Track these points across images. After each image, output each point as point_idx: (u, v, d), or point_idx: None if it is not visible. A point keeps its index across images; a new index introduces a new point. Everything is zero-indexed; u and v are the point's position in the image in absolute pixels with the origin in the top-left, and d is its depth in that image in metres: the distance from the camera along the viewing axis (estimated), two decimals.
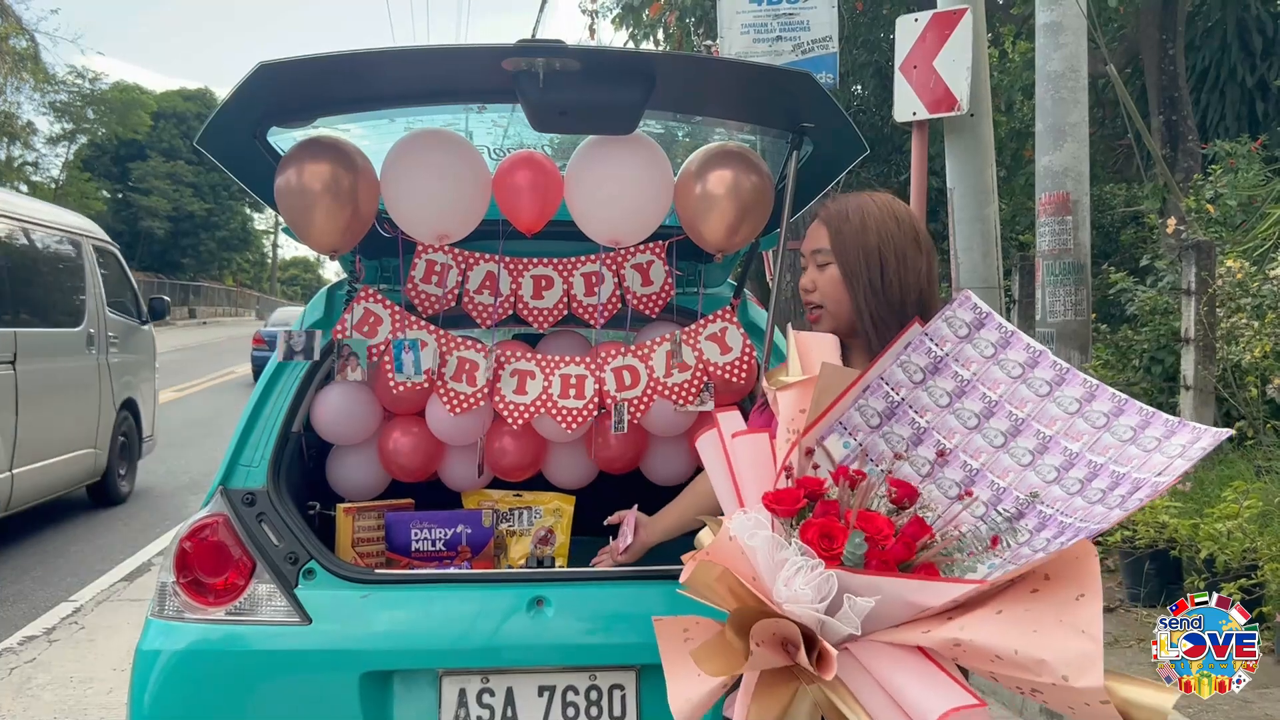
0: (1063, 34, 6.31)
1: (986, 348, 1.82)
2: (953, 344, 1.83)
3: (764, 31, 7.40)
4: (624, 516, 2.63)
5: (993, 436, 1.75)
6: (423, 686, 2.43)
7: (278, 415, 2.75)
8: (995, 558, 1.61)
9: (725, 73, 2.75)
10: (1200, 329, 5.82)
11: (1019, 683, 1.52)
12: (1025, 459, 1.72)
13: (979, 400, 1.78)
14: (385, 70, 2.47)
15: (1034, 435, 1.73)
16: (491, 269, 3.05)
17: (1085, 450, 1.68)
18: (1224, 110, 11.26)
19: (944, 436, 1.78)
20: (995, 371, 1.80)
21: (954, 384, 1.80)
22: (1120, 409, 1.71)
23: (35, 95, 35.58)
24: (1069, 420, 1.73)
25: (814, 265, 2.11)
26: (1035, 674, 1.46)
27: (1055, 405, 1.75)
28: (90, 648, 5.09)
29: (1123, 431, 1.68)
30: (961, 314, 1.85)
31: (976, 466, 1.74)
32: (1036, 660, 1.46)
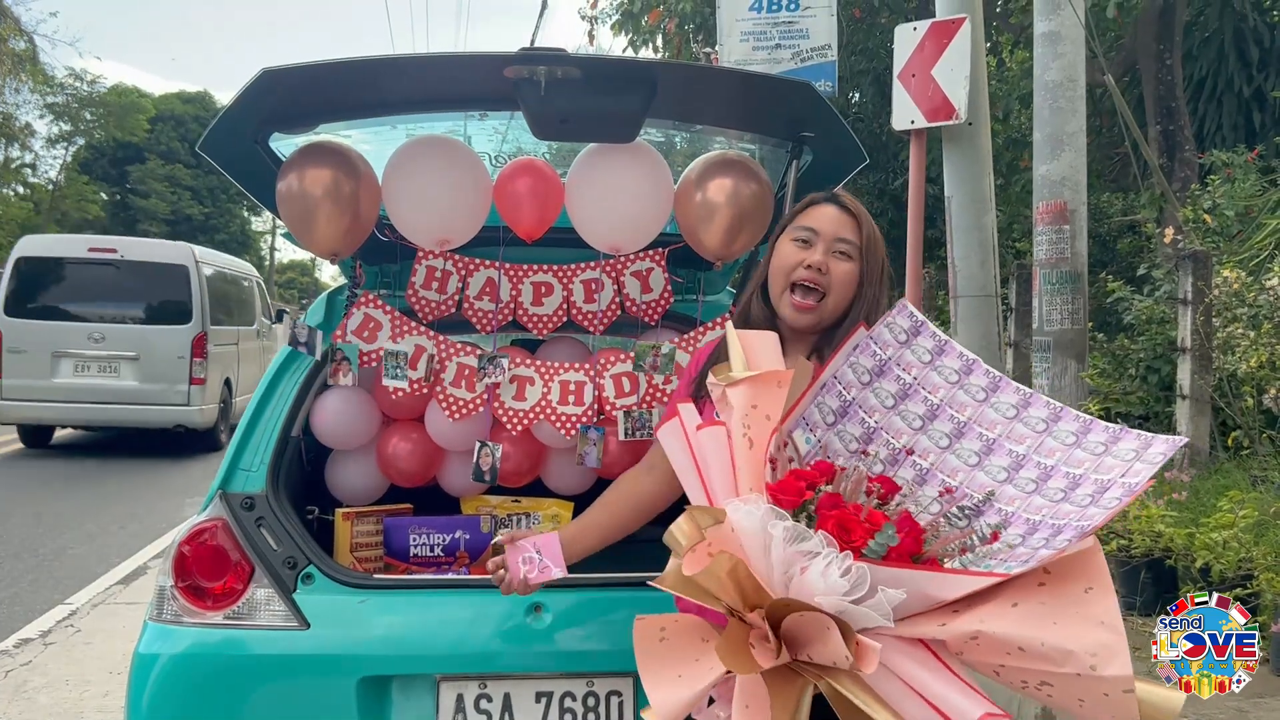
0: (1061, 43, 6.33)
1: (924, 354, 1.87)
2: (894, 349, 1.87)
3: (763, 39, 7.42)
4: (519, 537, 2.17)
5: (938, 438, 1.80)
6: (420, 692, 2.43)
7: (277, 419, 2.75)
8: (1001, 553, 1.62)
9: (726, 82, 2.77)
10: (1197, 338, 5.84)
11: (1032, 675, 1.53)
12: (972, 460, 1.77)
13: (921, 403, 1.83)
14: (387, 77, 2.48)
15: (977, 438, 1.78)
16: (492, 275, 3.06)
17: (1031, 453, 1.73)
18: (1221, 120, 11.29)
19: (892, 436, 1.82)
20: (934, 377, 1.85)
21: (897, 386, 1.85)
22: (1057, 415, 1.76)
23: (34, 97, 35.56)
24: (1009, 424, 1.77)
25: (833, 253, 2.02)
26: (1059, 665, 1.47)
27: (993, 410, 1.80)
28: (86, 651, 5.08)
29: (1064, 436, 1.73)
30: (900, 321, 1.89)
31: (926, 466, 1.79)
32: (1064, 651, 1.47)
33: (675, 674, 1.67)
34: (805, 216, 2.08)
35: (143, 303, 10.52)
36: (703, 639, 1.72)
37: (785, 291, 2.04)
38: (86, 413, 10.41)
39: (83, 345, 10.18)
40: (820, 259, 2.01)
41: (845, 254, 2.03)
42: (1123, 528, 4.80)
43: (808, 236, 2.05)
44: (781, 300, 2.05)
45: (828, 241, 2.03)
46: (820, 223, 2.05)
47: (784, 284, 2.04)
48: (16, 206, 35.75)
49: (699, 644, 1.71)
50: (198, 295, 10.59)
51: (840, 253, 2.03)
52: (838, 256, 2.03)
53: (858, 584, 1.53)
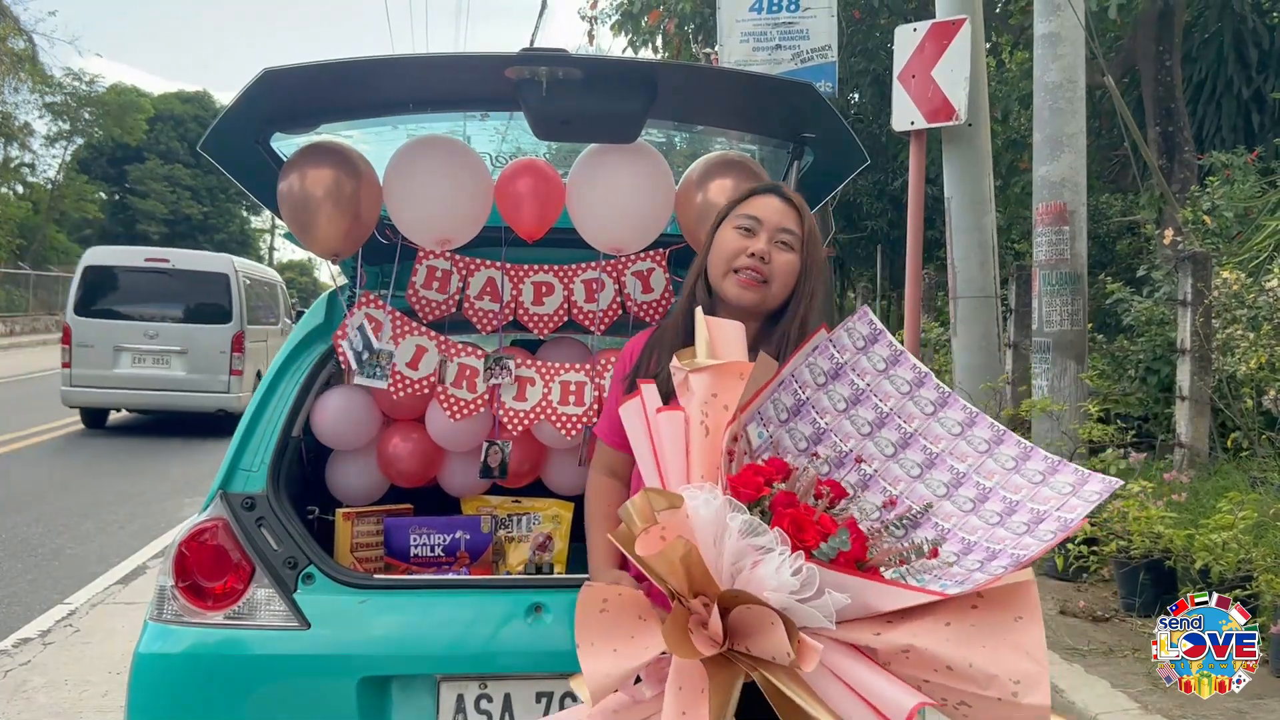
0: (1061, 45, 6.34)
1: (879, 362, 1.91)
2: (851, 353, 1.92)
3: (763, 40, 7.43)
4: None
5: (884, 446, 1.85)
6: (421, 692, 2.43)
7: (278, 419, 2.75)
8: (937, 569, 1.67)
9: (727, 83, 2.77)
10: (1196, 340, 5.84)
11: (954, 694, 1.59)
12: (914, 471, 1.82)
13: (872, 410, 1.88)
14: (388, 78, 2.48)
15: (921, 450, 1.83)
16: (492, 275, 3.06)
17: (972, 472, 1.79)
18: (1220, 122, 11.30)
19: (840, 440, 1.86)
20: (886, 385, 1.89)
21: (850, 391, 1.89)
22: (1000, 438, 1.82)
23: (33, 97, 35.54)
24: (953, 441, 1.83)
25: (775, 243, 2.06)
26: (983, 688, 1.54)
27: (939, 425, 1.85)
28: (85, 651, 5.08)
29: (1005, 460, 1.79)
30: (860, 327, 1.94)
31: (870, 472, 1.83)
32: (989, 675, 1.54)
33: (611, 647, 1.70)
34: (748, 205, 2.12)
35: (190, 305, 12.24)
36: (639, 617, 1.74)
37: (729, 274, 2.07)
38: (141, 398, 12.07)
39: (139, 341, 11.83)
40: (764, 248, 2.06)
41: (787, 244, 2.08)
42: (1122, 529, 4.80)
43: (751, 225, 2.09)
44: (725, 281, 2.08)
45: (771, 231, 2.08)
46: (764, 212, 2.09)
47: (726, 268, 2.08)
48: (15, 206, 35.71)
49: (636, 621, 1.73)
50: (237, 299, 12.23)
51: (782, 243, 2.08)
52: (780, 246, 2.07)
53: (807, 584, 1.56)
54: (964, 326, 6.96)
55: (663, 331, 2.20)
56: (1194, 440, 5.92)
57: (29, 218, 36.57)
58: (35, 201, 37.60)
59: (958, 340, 7.03)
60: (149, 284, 12.19)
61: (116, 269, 12.31)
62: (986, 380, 6.77)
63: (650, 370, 2.11)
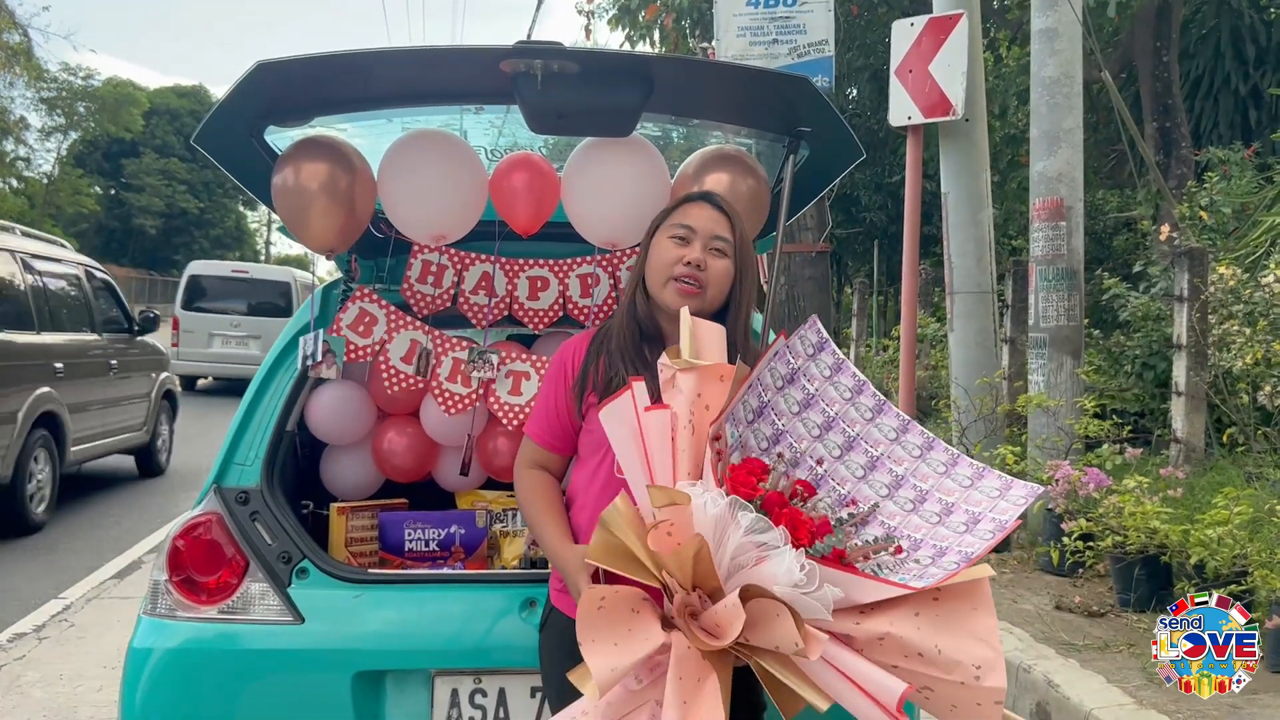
0: (1058, 40, 6.33)
1: (825, 369, 2.03)
2: (803, 360, 2.03)
3: (760, 34, 7.41)
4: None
5: (831, 448, 1.98)
6: (415, 686, 2.43)
7: (272, 414, 2.74)
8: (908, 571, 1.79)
9: (723, 76, 2.76)
10: (1192, 335, 5.84)
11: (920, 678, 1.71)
12: (859, 472, 1.95)
13: (820, 414, 2.00)
14: (383, 70, 2.47)
15: (863, 453, 1.96)
16: (487, 270, 3.05)
17: (909, 475, 1.92)
18: (1217, 117, 11.31)
19: (795, 441, 1.97)
20: (831, 391, 2.01)
21: (802, 395, 2.00)
22: (930, 444, 1.96)
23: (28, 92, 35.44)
24: (890, 446, 1.96)
25: (709, 250, 2.12)
26: (948, 672, 1.69)
27: (877, 430, 1.98)
28: (80, 645, 5.08)
29: (936, 465, 1.93)
30: (810, 335, 2.04)
31: (821, 472, 1.95)
32: (953, 660, 1.69)
33: (612, 641, 1.75)
34: (681, 214, 2.19)
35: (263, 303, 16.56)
36: (633, 610, 1.79)
37: (668, 282, 2.13)
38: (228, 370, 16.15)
39: (227, 329, 16.21)
40: (699, 255, 2.12)
41: (720, 251, 2.14)
42: (1118, 524, 4.80)
43: (685, 234, 2.15)
44: (665, 290, 2.14)
45: (705, 239, 2.14)
46: (697, 220, 2.15)
47: (665, 277, 2.14)
48: (10, 200, 35.64)
49: (631, 615, 1.79)
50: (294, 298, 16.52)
51: (716, 249, 2.14)
52: (714, 254, 2.14)
53: (810, 577, 1.66)
54: (960, 322, 6.96)
55: (606, 334, 2.22)
56: (1190, 436, 5.92)
57: (25, 212, 36.49)
58: (31, 196, 37.50)
59: (954, 336, 7.03)
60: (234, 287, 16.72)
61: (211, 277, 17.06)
62: (983, 375, 6.77)
63: (599, 374, 2.15)
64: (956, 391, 6.92)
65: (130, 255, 45.87)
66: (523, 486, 2.25)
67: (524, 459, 2.29)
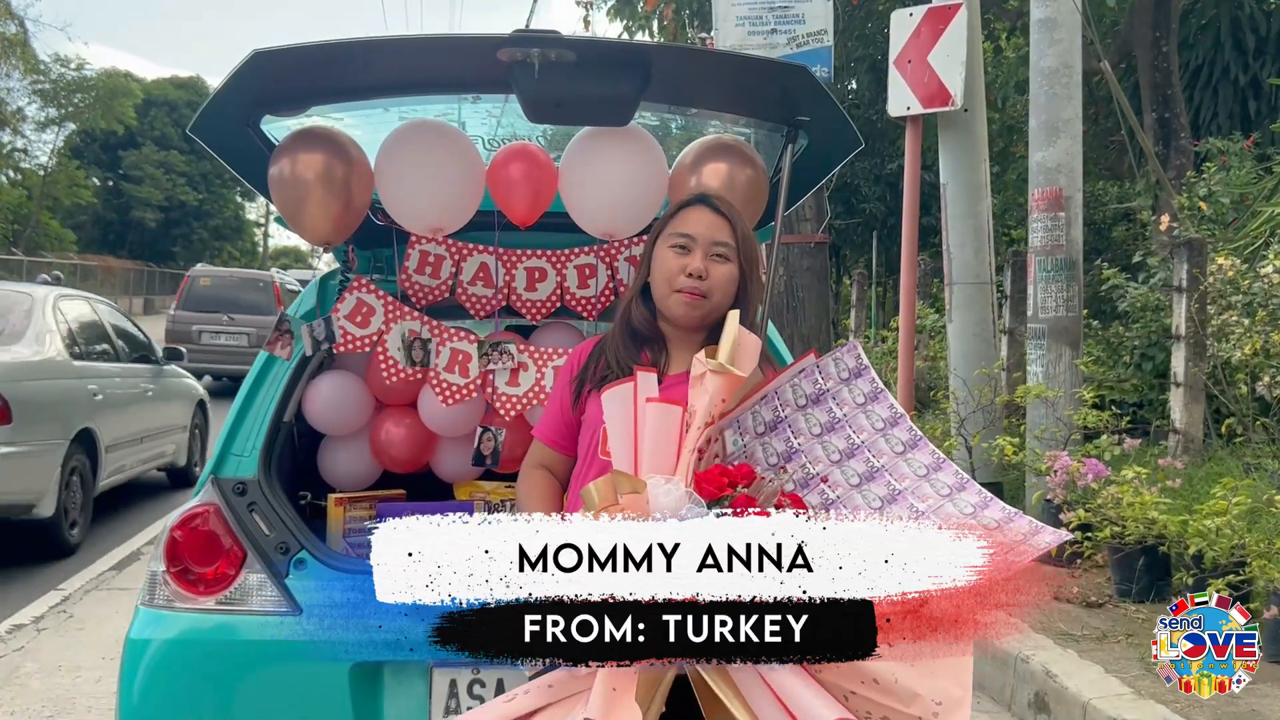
0: (1057, 30, 6.31)
1: (859, 396, 1.99)
2: (835, 383, 1.99)
3: (759, 24, 7.39)
4: None
5: (850, 475, 1.92)
6: (413, 678, 2.43)
7: (269, 405, 2.74)
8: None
9: (721, 65, 2.75)
10: (1191, 326, 5.84)
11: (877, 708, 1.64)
12: (875, 503, 1.88)
13: (844, 439, 1.95)
14: (380, 59, 2.46)
15: (885, 485, 1.90)
16: (485, 260, 3.05)
17: (930, 513, 1.84)
18: (1217, 108, 11.28)
19: (810, 462, 1.94)
20: (862, 419, 1.97)
21: (827, 418, 1.97)
22: (962, 485, 1.88)
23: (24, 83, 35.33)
24: (917, 482, 1.89)
25: (710, 257, 2.10)
26: (906, 704, 1.61)
27: (906, 464, 1.92)
28: (79, 636, 5.08)
29: (964, 506, 1.85)
30: (847, 360, 2.01)
31: (834, 497, 1.90)
32: (912, 692, 1.61)
33: None
34: (680, 222, 2.16)
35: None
36: None
37: (672, 293, 2.12)
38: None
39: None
40: (700, 265, 2.10)
41: (723, 256, 2.12)
42: (1116, 515, 4.80)
43: (685, 243, 2.12)
44: (670, 300, 2.13)
45: (705, 246, 2.12)
46: (695, 228, 2.13)
47: (669, 289, 2.12)
48: (9, 192, 35.57)
49: None
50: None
51: (718, 255, 2.12)
52: (716, 260, 2.12)
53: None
54: (959, 313, 6.95)
55: (605, 342, 2.24)
56: (1188, 426, 5.92)
57: (23, 204, 36.42)
58: (29, 188, 37.42)
59: (953, 327, 7.03)
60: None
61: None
62: (982, 366, 6.77)
63: (596, 374, 2.16)
64: (955, 382, 6.92)
65: (129, 247, 45.78)
66: (522, 485, 2.28)
67: (530, 460, 2.32)
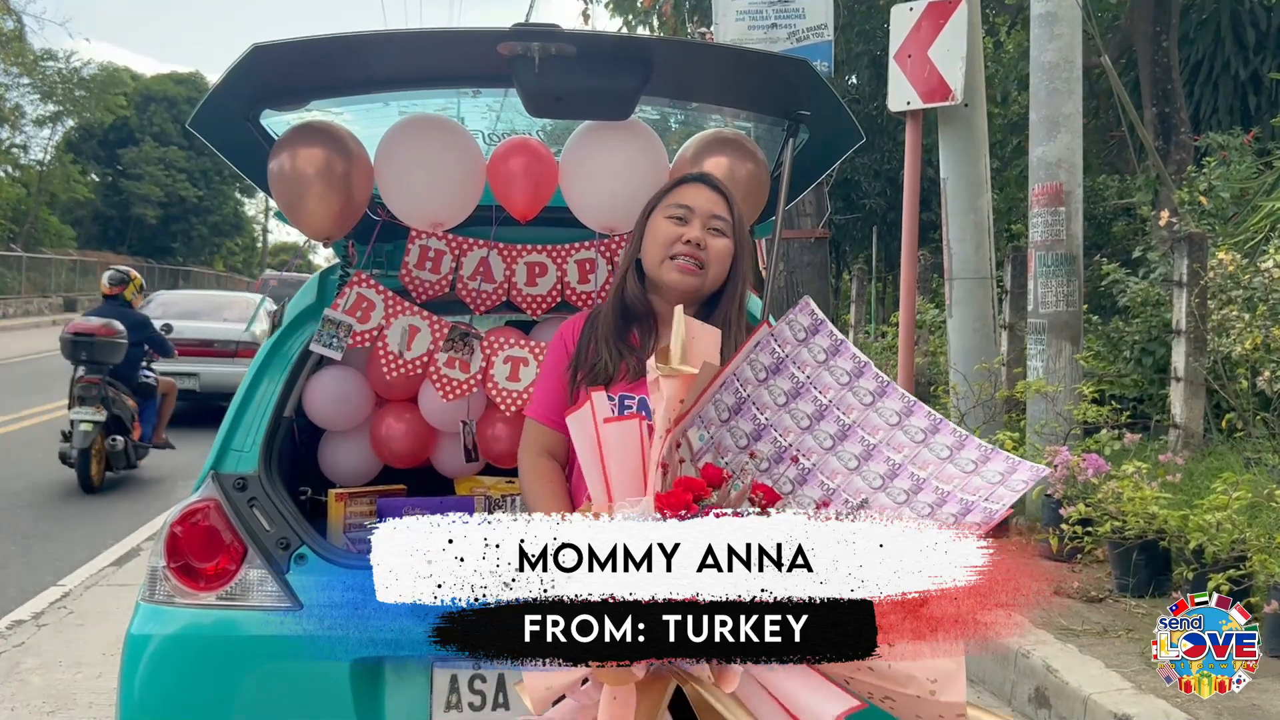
0: (1057, 25, 6.30)
1: (819, 353, 1.92)
2: (792, 346, 1.93)
3: (759, 19, 7.38)
4: None
5: (822, 439, 1.87)
6: (414, 673, 2.42)
7: (270, 400, 2.73)
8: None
9: (722, 59, 2.75)
10: (1191, 321, 5.84)
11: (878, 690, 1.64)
12: (851, 464, 1.84)
13: (811, 403, 1.89)
14: (379, 54, 2.46)
15: (859, 441, 1.85)
16: (486, 255, 3.04)
17: (907, 463, 1.81)
18: (1217, 103, 11.27)
19: (780, 434, 1.88)
20: (826, 377, 1.90)
21: (790, 385, 1.90)
22: (936, 427, 1.84)
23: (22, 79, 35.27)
24: (890, 431, 1.85)
25: (707, 229, 2.11)
26: (903, 686, 1.60)
27: (877, 415, 1.87)
28: (79, 632, 5.08)
29: (940, 449, 1.81)
30: (801, 318, 1.94)
31: (808, 466, 1.86)
32: (907, 675, 1.60)
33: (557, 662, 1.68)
34: (678, 194, 2.16)
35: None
36: None
37: (666, 260, 2.11)
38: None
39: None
40: (699, 234, 2.10)
41: (719, 230, 2.13)
42: (1117, 509, 4.80)
43: (683, 214, 2.12)
44: (663, 268, 2.11)
45: (704, 218, 2.12)
46: (695, 200, 2.13)
47: (663, 255, 2.11)
48: (8, 188, 35.54)
49: None
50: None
51: (715, 229, 2.12)
52: (712, 233, 2.12)
53: None
54: (959, 308, 6.95)
55: (596, 315, 2.21)
56: (1189, 421, 5.92)
57: (22, 200, 36.38)
58: (27, 184, 37.38)
59: (953, 322, 7.02)
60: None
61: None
62: (982, 361, 6.77)
63: (589, 358, 2.14)
64: (955, 378, 6.92)
65: (128, 243, 45.75)
66: (526, 474, 2.19)
67: (528, 444, 2.23)
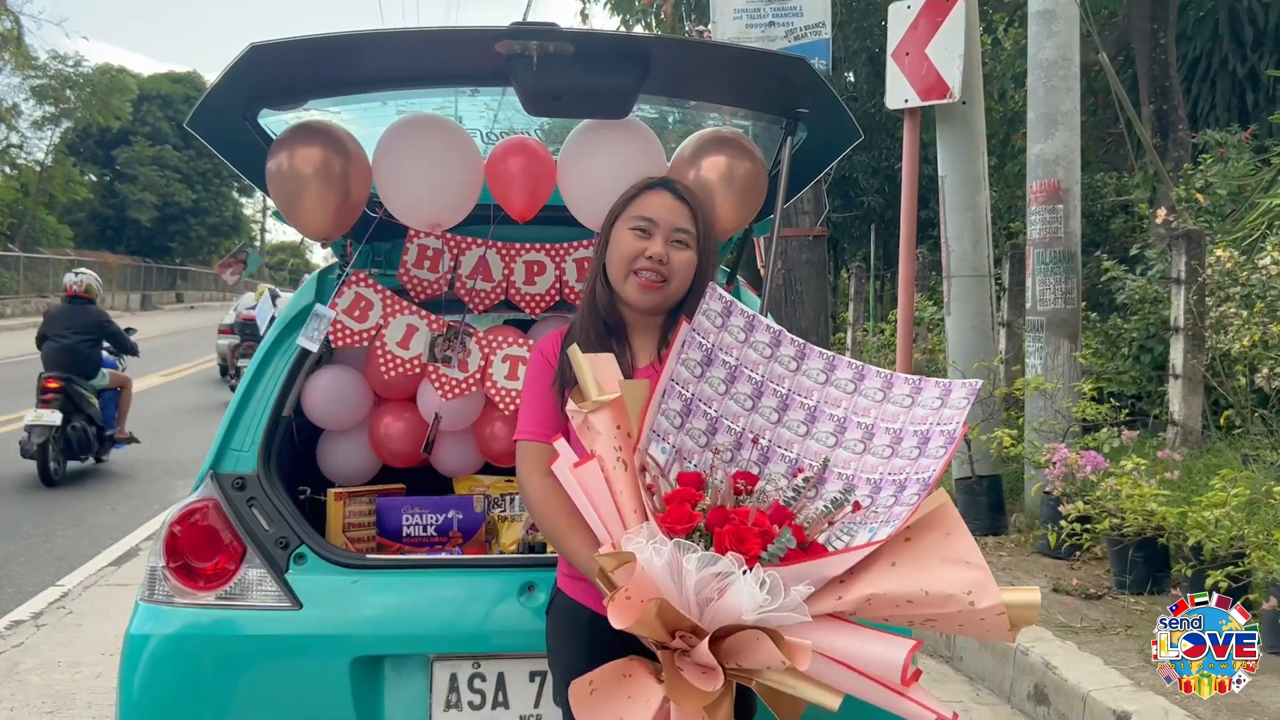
0: (1055, 22, 6.30)
1: (739, 333, 1.96)
2: (714, 334, 1.96)
3: (757, 17, 7.37)
4: None
5: (768, 414, 1.92)
6: (414, 671, 2.43)
7: (268, 399, 2.73)
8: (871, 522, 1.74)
9: (720, 57, 2.74)
10: (1189, 318, 5.84)
11: (918, 616, 1.70)
12: (801, 430, 1.89)
13: (748, 383, 1.93)
14: (377, 53, 2.45)
15: (800, 407, 1.91)
16: (484, 254, 3.04)
17: (850, 414, 1.87)
18: (1214, 100, 11.27)
19: (731, 421, 1.91)
20: (751, 354, 1.95)
21: (725, 371, 1.94)
22: (861, 374, 1.91)
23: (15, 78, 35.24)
24: (823, 389, 1.91)
25: (671, 242, 2.07)
26: (942, 607, 1.66)
27: (806, 378, 1.93)
28: (78, 633, 5.08)
29: (872, 393, 1.88)
30: (713, 305, 1.98)
31: (766, 444, 1.89)
32: (944, 595, 1.66)
33: (616, 717, 1.75)
34: (641, 205, 2.12)
35: None
36: (625, 675, 1.79)
37: (629, 276, 2.08)
38: None
39: None
40: (660, 250, 2.06)
41: (683, 243, 2.09)
42: (1115, 506, 4.80)
43: (646, 226, 2.09)
44: (626, 284, 2.09)
45: (666, 231, 2.08)
46: (658, 212, 2.10)
47: (626, 271, 2.08)
48: (5, 188, 35.50)
49: (625, 681, 1.79)
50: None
51: (678, 241, 2.09)
52: (675, 245, 2.08)
53: (774, 592, 1.62)
54: (958, 306, 6.95)
55: (572, 331, 2.19)
56: (1187, 418, 5.92)
57: (19, 200, 36.35)
58: (24, 184, 37.35)
59: (951, 319, 7.02)
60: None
61: None
62: (980, 359, 6.77)
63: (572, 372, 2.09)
64: (953, 375, 6.91)
65: (125, 243, 45.73)
66: (537, 498, 2.05)
67: (528, 468, 2.08)
